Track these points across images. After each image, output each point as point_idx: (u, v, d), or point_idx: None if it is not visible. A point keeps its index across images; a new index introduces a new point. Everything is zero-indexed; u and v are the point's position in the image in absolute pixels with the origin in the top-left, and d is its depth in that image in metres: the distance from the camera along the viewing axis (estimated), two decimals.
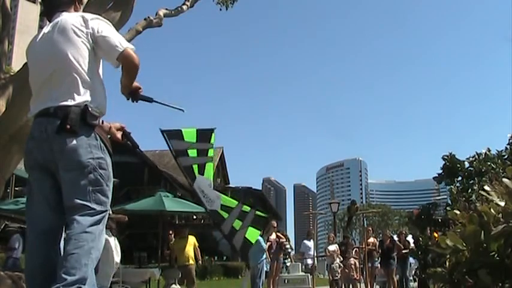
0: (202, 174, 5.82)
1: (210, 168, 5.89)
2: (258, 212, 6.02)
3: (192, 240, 10.80)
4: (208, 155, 5.90)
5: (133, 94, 2.63)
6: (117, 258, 6.78)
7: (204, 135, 5.90)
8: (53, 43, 2.52)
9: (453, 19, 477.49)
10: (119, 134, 2.83)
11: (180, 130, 5.80)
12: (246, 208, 5.90)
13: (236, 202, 5.97)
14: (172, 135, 5.74)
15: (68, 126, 2.33)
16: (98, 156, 2.39)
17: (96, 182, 2.36)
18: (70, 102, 2.38)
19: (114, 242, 6.79)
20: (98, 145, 2.41)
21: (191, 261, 10.54)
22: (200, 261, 11.49)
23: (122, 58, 2.46)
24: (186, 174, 5.85)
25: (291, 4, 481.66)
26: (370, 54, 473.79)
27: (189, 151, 5.78)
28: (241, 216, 5.81)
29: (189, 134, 5.81)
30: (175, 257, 10.75)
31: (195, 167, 5.78)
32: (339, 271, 13.35)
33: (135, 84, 2.60)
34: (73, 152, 2.33)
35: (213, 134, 5.99)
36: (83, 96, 2.41)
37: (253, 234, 5.91)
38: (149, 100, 2.73)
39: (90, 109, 2.39)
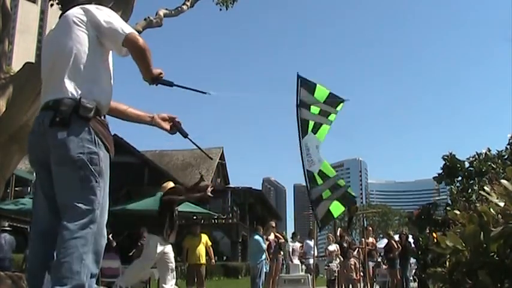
0: (315, 134, 5.75)
1: (324, 131, 5.82)
2: (349, 190, 5.99)
3: (204, 238, 10.66)
4: (329, 118, 5.83)
5: (154, 79, 2.53)
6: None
7: (333, 100, 5.84)
8: (55, 38, 2.53)
9: (453, 19, 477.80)
10: (166, 125, 2.74)
11: (315, 84, 5.74)
12: (342, 182, 5.89)
13: (335, 173, 5.94)
14: (306, 85, 5.70)
15: (58, 119, 2.27)
16: (90, 150, 2.29)
17: (85, 178, 2.26)
18: (65, 95, 2.33)
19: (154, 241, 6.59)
20: (92, 139, 2.31)
21: (202, 261, 10.44)
22: (213, 261, 11.26)
23: (126, 43, 2.40)
24: (299, 126, 5.75)
25: (292, 4, 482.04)
26: (370, 53, 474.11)
27: (312, 107, 5.70)
28: (333, 188, 5.78)
29: (321, 92, 5.75)
30: (186, 255, 10.59)
31: (311, 123, 5.72)
32: (337, 271, 13.36)
33: (156, 70, 2.50)
34: (63, 146, 2.25)
35: (341, 104, 5.92)
36: (80, 88, 2.34)
37: (337, 208, 5.86)
38: (169, 84, 2.64)
39: (83, 101, 2.30)
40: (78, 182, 2.25)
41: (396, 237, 14.12)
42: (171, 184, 7.19)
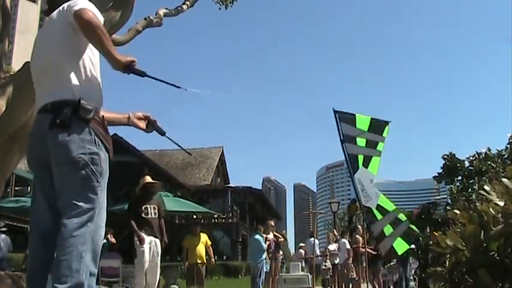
0: (366, 167, 5.56)
1: (375, 163, 5.55)
2: (411, 226, 5.76)
3: (204, 238, 10.67)
4: (377, 148, 5.58)
5: (126, 67, 2.39)
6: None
7: (378, 126, 5.58)
8: (44, 39, 2.53)
9: (454, 18, 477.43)
10: (142, 124, 2.70)
11: (354, 115, 5.52)
12: (402, 217, 5.66)
13: (394, 207, 5.73)
14: (345, 119, 5.48)
15: (58, 121, 2.28)
16: (91, 151, 2.30)
17: (86, 178, 2.28)
18: (63, 97, 2.33)
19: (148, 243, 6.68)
20: (92, 140, 2.32)
21: (202, 260, 10.45)
22: (213, 260, 11.29)
23: (76, 19, 2.29)
24: (349, 163, 5.55)
25: (293, 2, 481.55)
26: (370, 52, 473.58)
27: (358, 139, 5.47)
28: (394, 223, 5.52)
29: (362, 121, 5.50)
30: (186, 255, 10.59)
31: (361, 157, 5.49)
32: (331, 271, 13.38)
33: (126, 57, 2.38)
34: (64, 147, 2.27)
35: (387, 127, 5.66)
36: (77, 90, 2.35)
37: (401, 246, 5.59)
38: (141, 74, 2.48)
39: (83, 103, 2.32)
40: (79, 181, 2.26)
41: None
42: (148, 179, 7.12)
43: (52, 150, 2.30)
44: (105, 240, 10.50)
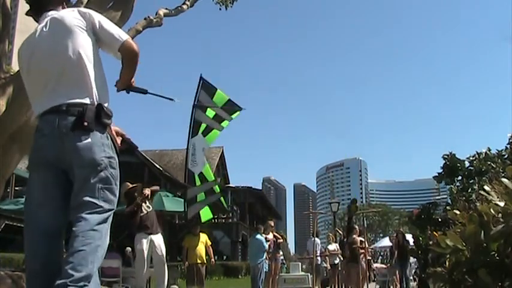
0: (204, 136, 5.93)
1: (214, 135, 6.00)
2: (222, 200, 6.18)
3: (204, 238, 10.69)
4: (222, 124, 6.00)
5: (128, 86, 2.65)
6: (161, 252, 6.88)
7: (231, 107, 6.01)
8: (57, 40, 2.47)
9: (453, 17, 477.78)
10: (118, 139, 2.73)
11: (216, 89, 5.88)
12: (217, 189, 6.07)
13: (213, 179, 6.10)
14: (206, 88, 5.84)
15: (86, 124, 2.33)
16: (110, 155, 2.40)
17: (106, 180, 2.36)
18: (84, 100, 2.38)
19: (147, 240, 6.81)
20: (110, 144, 2.42)
21: (202, 260, 10.47)
22: (213, 260, 11.33)
23: (124, 49, 2.48)
24: (191, 126, 5.95)
25: (292, 2, 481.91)
26: (371, 52, 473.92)
27: (208, 110, 5.87)
28: (209, 192, 5.93)
29: (220, 98, 5.93)
30: (186, 255, 10.61)
31: (203, 126, 5.92)
32: (328, 271, 13.35)
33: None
34: (88, 150, 2.33)
35: (237, 112, 6.09)
36: (95, 94, 2.41)
37: (206, 214, 6.04)
38: (143, 92, 2.74)
39: (105, 108, 2.41)
40: (100, 183, 2.35)
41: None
42: (128, 185, 7.25)
43: (74, 151, 2.34)
44: None
